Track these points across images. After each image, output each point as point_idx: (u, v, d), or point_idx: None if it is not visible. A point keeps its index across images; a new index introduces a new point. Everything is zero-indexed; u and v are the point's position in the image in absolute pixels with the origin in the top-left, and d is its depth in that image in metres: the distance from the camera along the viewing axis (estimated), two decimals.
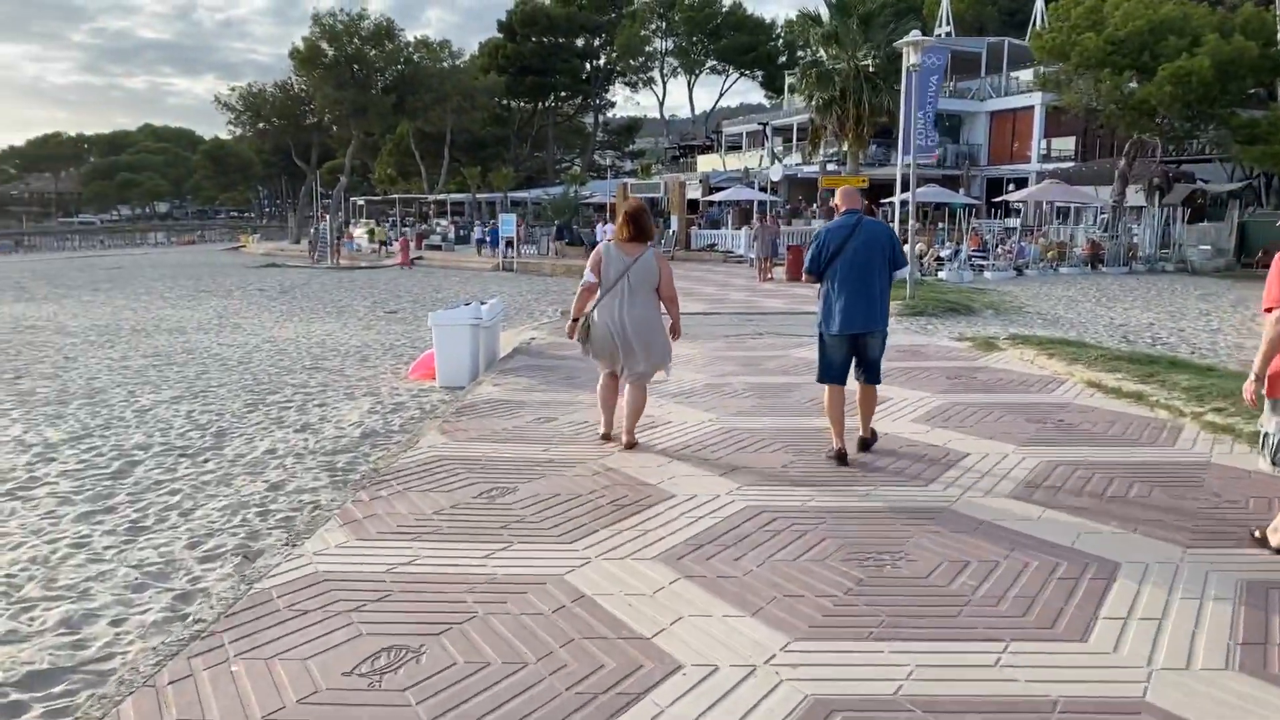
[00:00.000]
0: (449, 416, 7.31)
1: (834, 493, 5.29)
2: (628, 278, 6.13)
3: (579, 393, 8.37)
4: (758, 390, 8.57)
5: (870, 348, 6.00)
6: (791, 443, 6.51)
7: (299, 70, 59.72)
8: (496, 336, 11.22)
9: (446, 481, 5.46)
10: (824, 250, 5.89)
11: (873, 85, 31.48)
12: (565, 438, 6.70)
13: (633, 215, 6.31)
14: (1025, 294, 21.30)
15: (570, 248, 40.58)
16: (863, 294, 5.79)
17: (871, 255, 5.82)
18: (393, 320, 20.02)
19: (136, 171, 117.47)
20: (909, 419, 7.30)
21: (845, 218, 5.96)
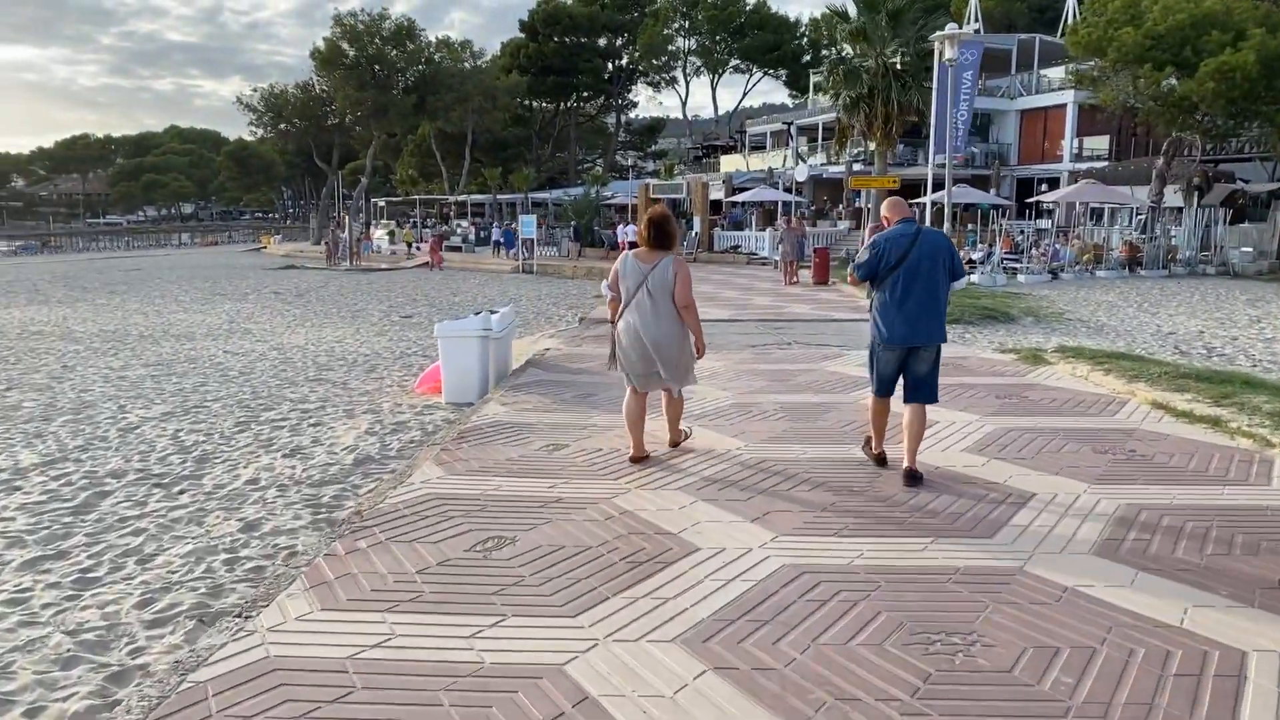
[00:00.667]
0: (449, 443, 6.62)
1: (886, 544, 4.55)
2: (646, 288, 5.91)
3: (594, 413, 7.67)
4: (790, 412, 7.83)
5: (923, 360, 5.78)
6: (832, 476, 5.78)
7: (320, 71, 59.47)
8: (508, 347, 10.55)
9: (437, 529, 4.76)
10: (883, 260, 5.68)
11: (902, 83, 30.66)
12: (576, 470, 6.00)
13: (654, 221, 6.09)
14: (1063, 299, 20.43)
15: (591, 249, 39.97)
16: (926, 306, 5.60)
17: (934, 266, 5.63)
18: (407, 326, 19.43)
19: (162, 173, 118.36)
20: (961, 447, 6.53)
21: (903, 226, 5.76)
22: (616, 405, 7.64)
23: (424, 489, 5.45)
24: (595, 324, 15.51)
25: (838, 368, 10.17)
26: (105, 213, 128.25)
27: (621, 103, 77.44)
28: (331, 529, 4.92)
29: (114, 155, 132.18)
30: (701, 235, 37.67)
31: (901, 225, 5.78)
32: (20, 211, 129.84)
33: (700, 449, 6.48)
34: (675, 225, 6.26)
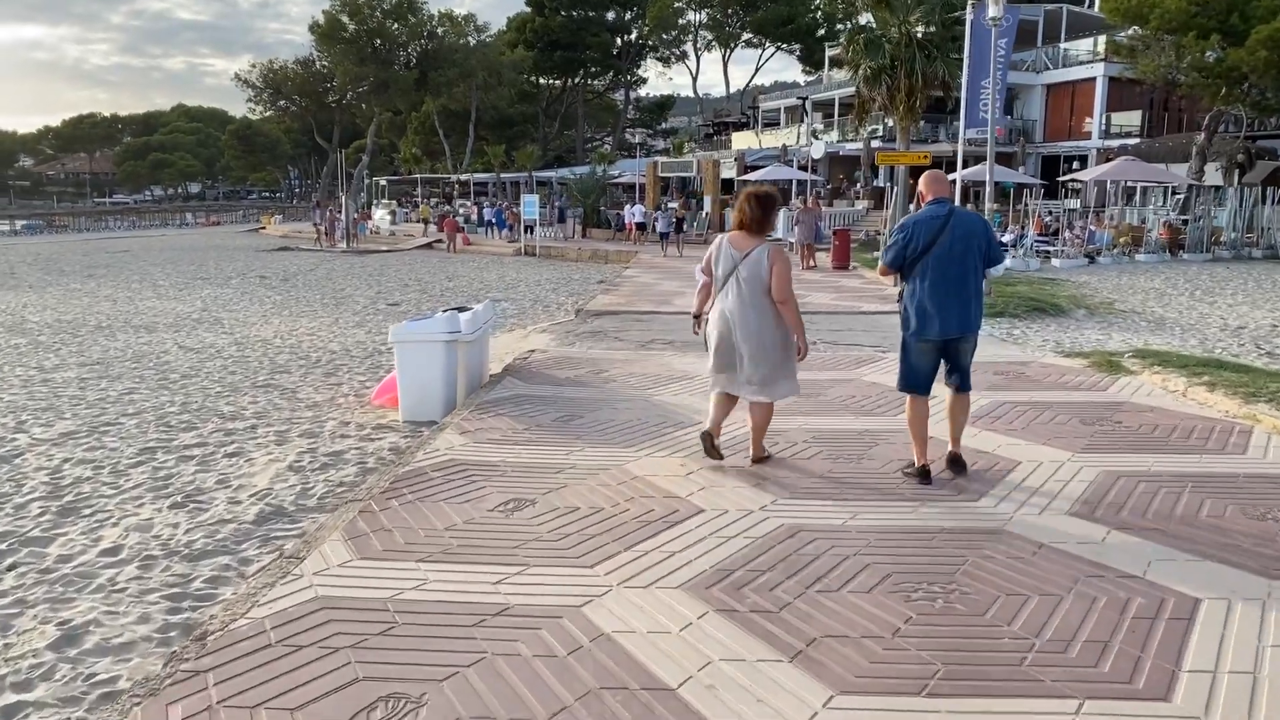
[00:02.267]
0: (376, 496, 4.97)
1: None
2: (737, 277, 5.38)
3: (576, 445, 6.04)
4: (826, 444, 6.18)
5: (962, 354, 5.38)
6: (902, 565, 4.12)
7: (319, 45, 57.75)
8: (484, 351, 8.91)
9: (300, 684, 3.10)
10: (911, 244, 5.19)
11: (926, 53, 28.72)
12: (539, 549, 4.32)
13: (755, 199, 5.49)
14: (1105, 286, 18.74)
15: (597, 230, 38.24)
16: (956, 294, 5.18)
17: (967, 251, 5.18)
18: (391, 315, 17.83)
19: (169, 152, 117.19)
20: (1064, 510, 4.81)
21: (934, 207, 5.26)
22: (605, 433, 6.04)
23: (308, 593, 3.72)
24: (594, 316, 13.87)
25: (877, 376, 8.51)
26: (112, 192, 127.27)
27: (630, 79, 75.39)
28: (128, 697, 3.14)
29: (121, 134, 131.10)
30: (712, 216, 35.90)
31: (933, 206, 5.27)
32: (28, 191, 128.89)
33: (709, 509, 4.82)
34: (776, 205, 5.66)
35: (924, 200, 5.39)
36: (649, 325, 12.70)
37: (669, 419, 6.77)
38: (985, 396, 7.54)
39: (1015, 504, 4.82)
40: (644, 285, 18.78)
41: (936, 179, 5.47)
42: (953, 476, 5.36)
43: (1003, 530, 4.43)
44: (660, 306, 14.75)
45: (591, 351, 10.28)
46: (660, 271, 22.12)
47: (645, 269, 23.29)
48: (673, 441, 6.12)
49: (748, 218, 5.47)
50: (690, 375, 8.59)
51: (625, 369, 8.89)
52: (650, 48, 74.46)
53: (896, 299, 5.51)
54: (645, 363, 9.28)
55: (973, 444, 6.03)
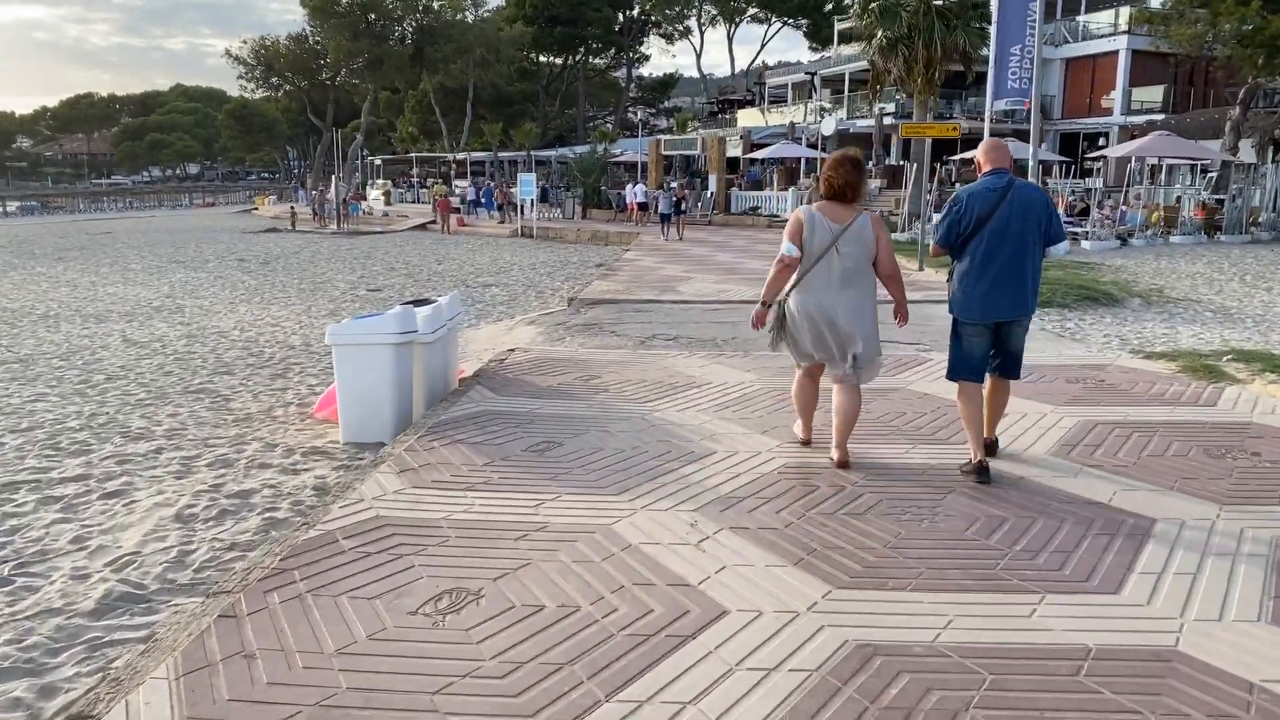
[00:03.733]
0: (249, 590, 3.45)
1: None
2: (837, 250, 4.87)
3: (550, 490, 4.53)
4: (883, 488, 4.65)
5: (1014, 337, 4.99)
6: None
7: (312, 19, 55.90)
8: (449, 353, 7.39)
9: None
10: (965, 219, 4.79)
11: (945, 22, 27.02)
12: (474, 707, 2.80)
13: (845, 163, 4.93)
14: (1146, 270, 17.24)
15: (597, 210, 36.63)
16: (1013, 274, 4.76)
17: (1026, 227, 4.75)
18: (370, 302, 16.35)
19: (166, 132, 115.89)
20: (1256, 617, 3.32)
21: (992, 178, 4.83)
22: (589, 469, 4.60)
23: None
24: (589, 305, 12.34)
25: (927, 385, 6.99)
26: (110, 173, 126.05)
27: (633, 56, 73.39)
28: None
29: (119, 114, 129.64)
30: (718, 196, 34.27)
31: (990, 177, 4.84)
32: (25, 172, 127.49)
33: (738, 608, 3.30)
34: (865, 170, 5.11)
35: (980, 170, 4.92)
36: (650, 317, 11.18)
37: (673, 447, 5.27)
38: (1068, 414, 6.04)
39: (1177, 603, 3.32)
40: (645, 270, 17.23)
41: (996, 147, 4.98)
42: None
43: (1173, 653, 2.95)
44: (662, 294, 13.22)
45: (582, 350, 8.76)
46: (663, 255, 20.55)
47: (647, 251, 21.73)
48: (678, 484, 4.61)
49: (842, 183, 4.86)
50: (699, 382, 7.07)
51: (620, 374, 7.37)
52: (653, 23, 72.40)
53: (946, 279, 5.05)
54: (644, 365, 7.76)
55: (1077, 490, 4.54)
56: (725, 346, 9.06)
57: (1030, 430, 5.66)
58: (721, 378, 7.27)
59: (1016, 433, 5.59)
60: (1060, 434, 5.55)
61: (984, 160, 4.95)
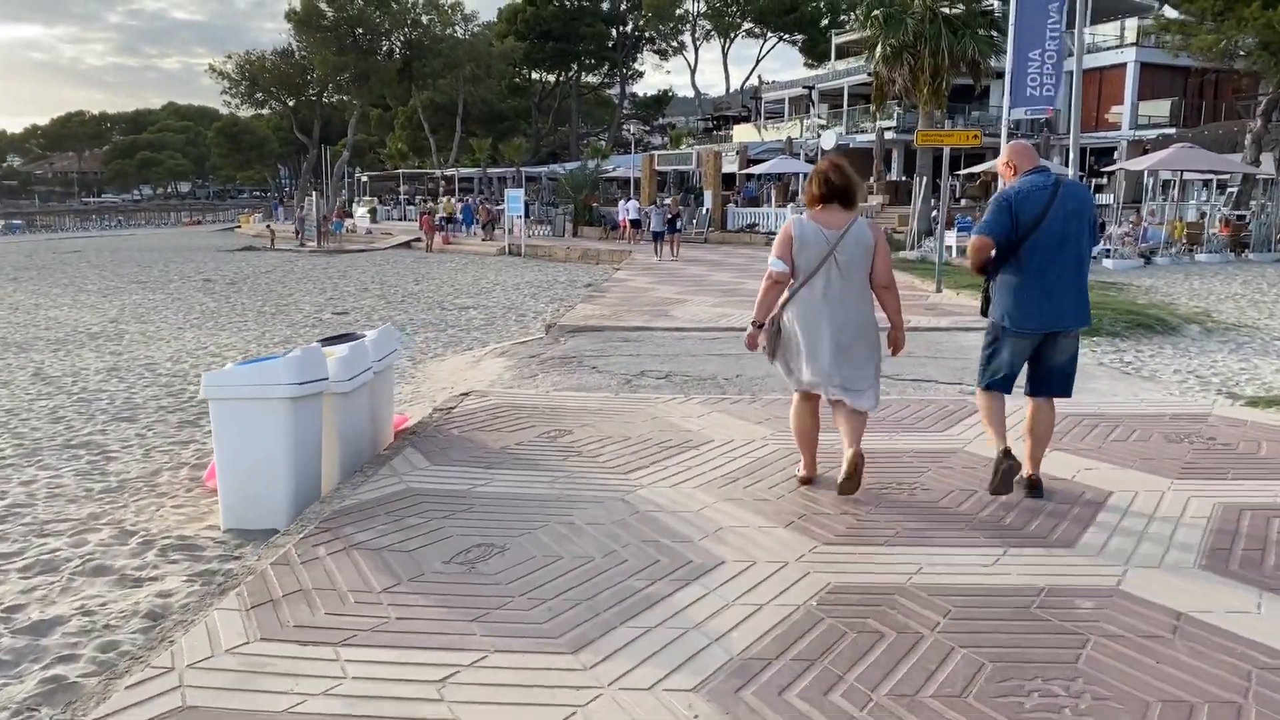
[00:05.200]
0: None
1: None
2: (834, 260, 4.39)
3: (464, 654, 2.95)
4: (980, 644, 3.10)
5: (1063, 350, 4.49)
6: None
7: (297, 34, 54.55)
8: (379, 402, 5.83)
9: None
10: (1017, 219, 4.33)
11: (953, 29, 25.67)
12: None
13: (834, 169, 4.49)
14: (1180, 291, 15.94)
15: (589, 228, 35.15)
16: (1068, 278, 4.37)
17: (1080, 227, 4.39)
18: (335, 325, 14.85)
19: (157, 150, 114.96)
20: None
21: (1038, 177, 4.42)
22: (536, 602, 3.00)
23: None
24: (569, 333, 10.79)
25: (982, 447, 5.44)
26: (100, 191, 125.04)
27: (627, 72, 72.15)
28: None
29: (110, 133, 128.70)
30: (713, 213, 32.82)
31: (1036, 175, 4.43)
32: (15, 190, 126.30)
33: None
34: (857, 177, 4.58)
35: (1014, 173, 4.56)
36: (638, 347, 9.62)
37: (662, 554, 3.72)
38: (1194, 492, 4.50)
39: None
40: (635, 291, 15.70)
41: (1027, 148, 4.71)
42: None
43: None
44: (654, 320, 11.67)
45: (554, 393, 7.20)
46: (655, 274, 19.03)
47: (639, 271, 20.22)
48: (669, 629, 3.03)
49: (833, 189, 4.46)
50: (697, 439, 5.53)
51: (597, 427, 5.83)
52: (647, 39, 71.22)
53: (983, 288, 4.62)
54: (629, 414, 6.21)
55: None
56: (728, 387, 7.52)
57: (1154, 522, 4.12)
58: (725, 432, 5.72)
59: (1133, 526, 4.06)
60: (1199, 530, 4.01)
61: (1019, 161, 4.57)
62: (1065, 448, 5.36)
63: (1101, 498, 4.46)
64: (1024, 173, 4.47)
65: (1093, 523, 4.10)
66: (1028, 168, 4.49)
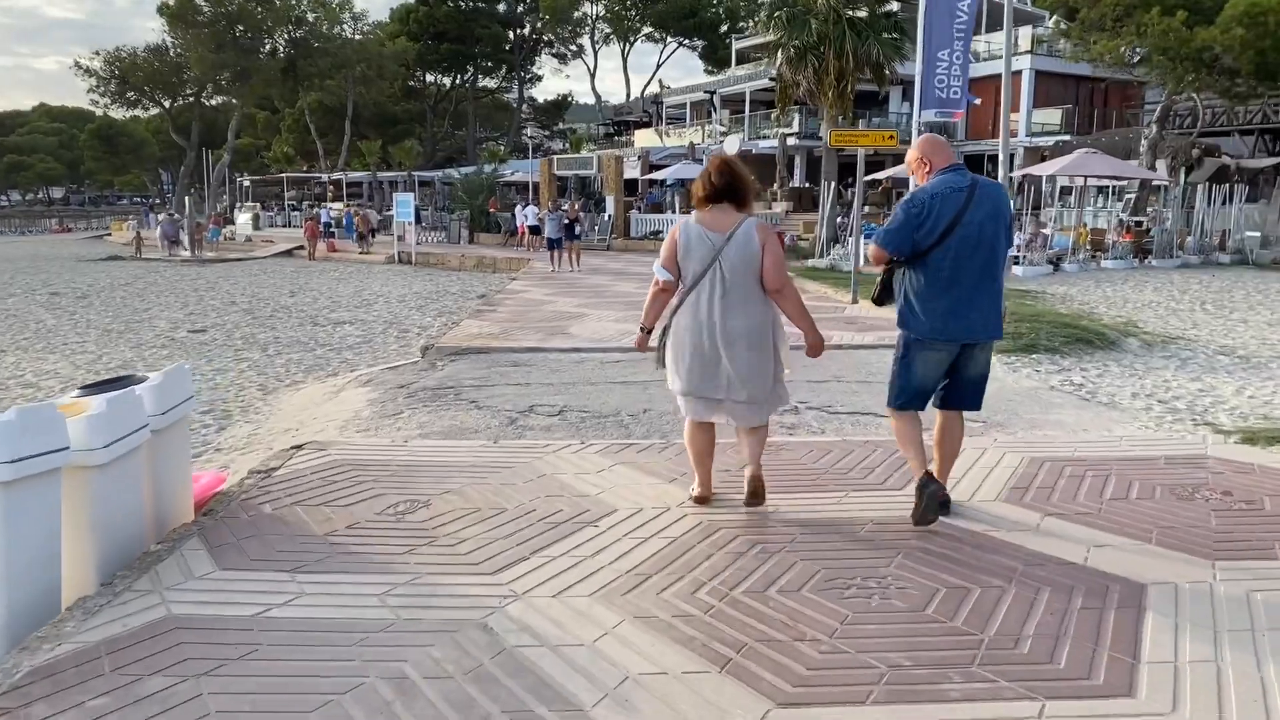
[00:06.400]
0: None
1: None
2: (719, 266, 4.11)
3: None
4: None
5: (978, 361, 4.18)
6: None
7: (170, 29, 51.29)
8: (166, 470, 4.32)
9: None
10: (928, 223, 3.95)
11: (856, 31, 25.08)
12: None
13: (722, 167, 4.22)
14: (1094, 299, 15.58)
15: (486, 235, 33.55)
16: (985, 287, 4.04)
17: (996, 231, 4.04)
18: (189, 345, 13.09)
19: (26, 154, 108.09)
20: None
21: (952, 176, 4.03)
22: None
23: None
24: (450, 356, 9.34)
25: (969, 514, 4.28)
26: None
27: (525, 76, 70.53)
28: None
29: None
30: (616, 219, 31.61)
31: (949, 175, 4.03)
32: None
33: None
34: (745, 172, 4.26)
35: (929, 170, 4.08)
36: (529, 374, 8.24)
37: None
38: (1251, 584, 3.39)
39: None
40: (531, 304, 14.30)
41: (941, 143, 4.26)
42: None
43: None
44: (549, 339, 10.30)
45: (416, 443, 5.76)
46: (554, 285, 17.64)
47: (536, 281, 18.82)
48: None
49: (718, 188, 4.14)
50: (597, 511, 4.22)
51: (465, 496, 4.46)
52: (545, 43, 69.75)
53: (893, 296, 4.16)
54: (510, 473, 4.86)
55: None
56: (634, 426, 6.22)
57: (1228, 644, 2.97)
58: (631, 496, 4.43)
59: (1203, 653, 2.90)
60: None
61: (933, 157, 4.14)
62: (1061, 511, 4.24)
63: (1135, 597, 3.31)
64: (938, 170, 4.06)
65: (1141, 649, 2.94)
66: (942, 165, 4.08)
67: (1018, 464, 5.01)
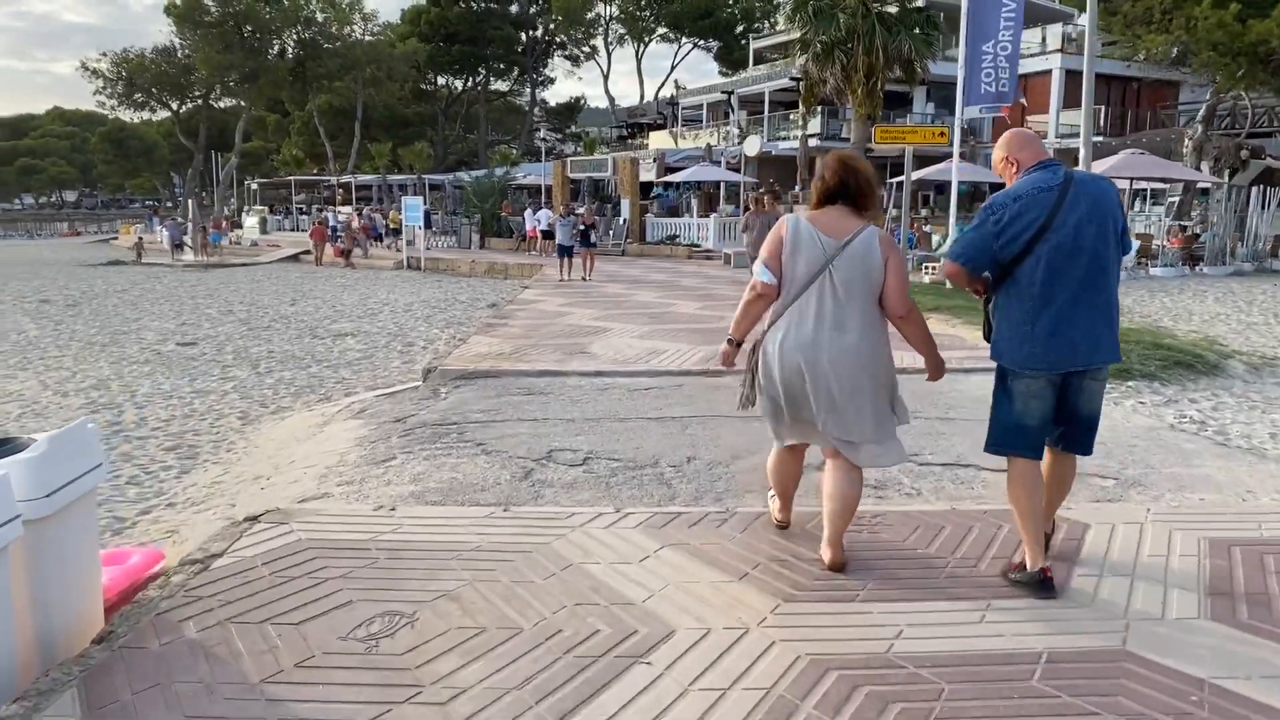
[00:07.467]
0: None
1: None
2: (830, 276, 3.53)
3: None
4: None
5: (1088, 393, 3.52)
6: None
7: (178, 30, 50.45)
8: (54, 577, 3.14)
9: None
10: (1010, 231, 3.37)
11: (886, 25, 23.85)
12: None
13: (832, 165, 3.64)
14: (1156, 309, 14.65)
15: (497, 239, 32.42)
16: (1090, 301, 3.38)
17: (1101, 234, 3.36)
18: (176, 361, 11.99)
19: (40, 157, 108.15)
20: None
21: (1042, 174, 3.43)
22: None
23: None
24: (455, 382, 8.14)
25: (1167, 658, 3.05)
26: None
27: (537, 78, 69.47)
28: None
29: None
30: (632, 223, 30.42)
31: (1040, 173, 3.43)
32: None
33: None
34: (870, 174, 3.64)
35: (1016, 170, 3.53)
36: (545, 406, 7.03)
37: None
38: None
39: None
40: (545, 316, 13.10)
41: (1029, 138, 3.62)
42: None
43: None
44: (568, 359, 9.10)
45: (405, 511, 4.56)
46: (569, 294, 16.44)
47: (550, 289, 17.64)
48: None
49: (832, 187, 3.59)
50: (645, 638, 3.03)
51: (464, 606, 3.26)
52: (558, 44, 68.67)
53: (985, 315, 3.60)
54: (525, 564, 3.66)
55: None
56: (678, 481, 5.01)
57: None
58: (693, 605, 3.23)
59: None
60: None
61: (1021, 154, 3.54)
62: None
63: None
64: (1026, 169, 3.52)
65: None
66: (1030, 162, 3.53)
67: (1195, 550, 3.79)
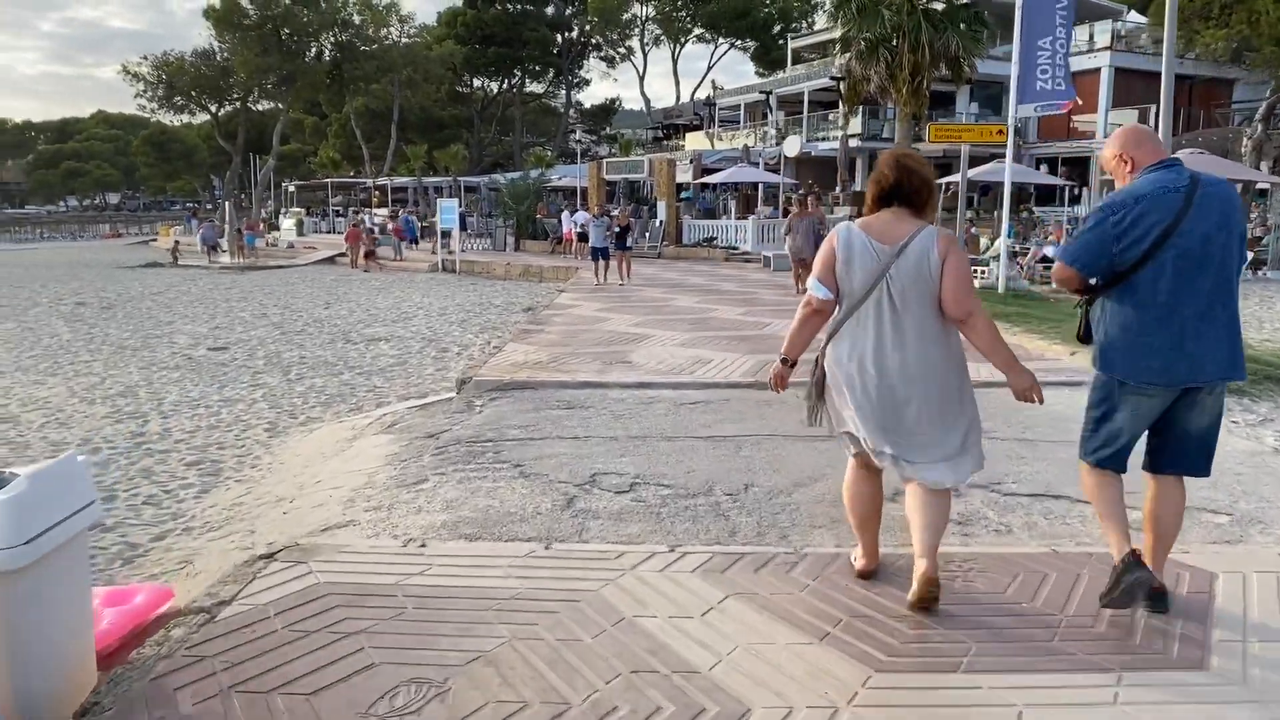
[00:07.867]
0: None
1: None
2: (887, 286, 3.29)
3: None
4: None
5: (1204, 411, 3.25)
6: None
7: (217, 33, 50.77)
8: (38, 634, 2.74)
9: None
10: (1132, 233, 3.12)
11: (932, 22, 23.20)
12: None
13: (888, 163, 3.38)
14: None
15: (532, 241, 32.12)
16: (1214, 315, 3.15)
17: (1228, 241, 3.13)
18: (206, 367, 11.71)
19: (84, 160, 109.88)
20: None
21: (1166, 174, 3.17)
22: None
23: None
24: (490, 394, 7.72)
25: None
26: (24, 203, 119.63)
27: (573, 80, 69.25)
28: None
29: (35, 142, 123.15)
30: (668, 225, 29.96)
31: (1161, 173, 3.17)
32: None
33: None
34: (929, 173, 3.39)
35: (1131, 169, 3.24)
36: (586, 423, 6.58)
37: None
38: None
39: None
40: (582, 322, 12.68)
41: (1146, 134, 3.34)
42: None
43: None
44: (608, 369, 8.65)
45: (435, 550, 4.14)
46: (606, 299, 16.00)
47: (587, 293, 17.23)
48: None
49: (886, 187, 3.32)
50: (731, 707, 2.54)
51: (504, 671, 2.83)
52: (593, 46, 68.38)
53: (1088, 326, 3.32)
54: (570, 620, 3.22)
55: None
56: (737, 513, 4.54)
57: None
58: (767, 673, 2.77)
59: None
60: None
61: (1135, 153, 3.25)
62: None
63: None
64: (1145, 169, 3.24)
65: None
66: (1150, 162, 3.24)
67: None
